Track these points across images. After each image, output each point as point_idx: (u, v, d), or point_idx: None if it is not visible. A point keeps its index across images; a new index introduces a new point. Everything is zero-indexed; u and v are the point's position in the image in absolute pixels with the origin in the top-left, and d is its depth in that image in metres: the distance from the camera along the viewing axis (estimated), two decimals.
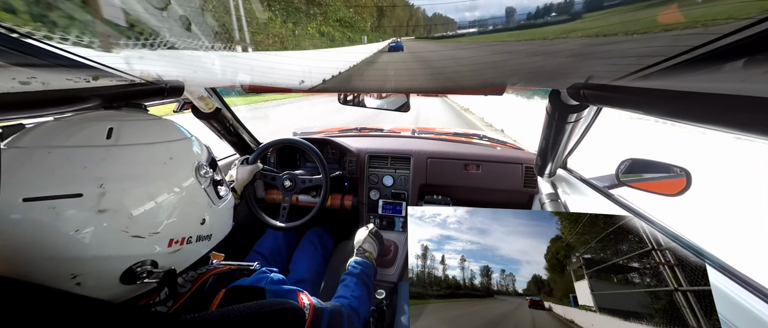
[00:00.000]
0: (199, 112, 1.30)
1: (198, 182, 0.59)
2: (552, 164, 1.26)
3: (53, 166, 0.44)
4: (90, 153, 0.47)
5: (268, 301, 0.60)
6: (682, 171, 1.00)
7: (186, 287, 0.59)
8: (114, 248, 0.47)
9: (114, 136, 0.50)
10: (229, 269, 0.67)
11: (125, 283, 0.49)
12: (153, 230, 0.51)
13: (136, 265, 0.49)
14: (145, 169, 0.52)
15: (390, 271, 1.43)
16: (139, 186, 0.50)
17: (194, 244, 0.59)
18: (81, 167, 0.46)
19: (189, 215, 0.58)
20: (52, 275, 0.43)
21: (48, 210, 0.42)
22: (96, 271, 0.46)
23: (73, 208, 0.43)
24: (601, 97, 0.66)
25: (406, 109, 1.39)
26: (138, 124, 0.56)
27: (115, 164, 0.48)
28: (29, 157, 0.44)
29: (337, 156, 1.74)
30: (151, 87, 0.70)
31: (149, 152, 0.53)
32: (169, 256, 0.54)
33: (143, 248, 0.50)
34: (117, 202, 0.46)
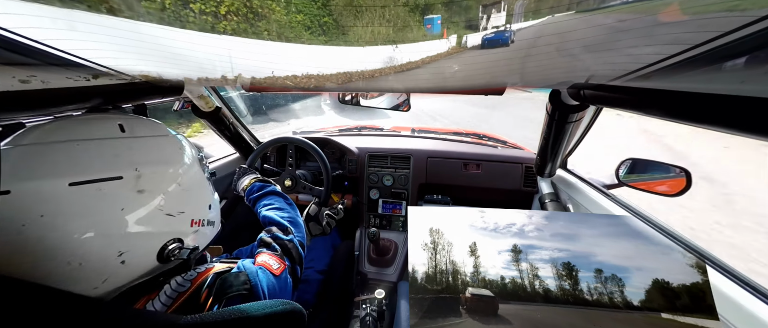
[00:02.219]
0: (199, 111, 1.30)
1: (202, 170, 0.67)
2: (552, 164, 1.26)
3: (90, 155, 0.49)
4: (116, 143, 0.53)
5: (268, 301, 0.60)
6: (682, 171, 1.00)
7: (185, 286, 0.59)
8: (153, 225, 0.53)
9: (128, 130, 0.56)
10: (228, 267, 0.68)
11: (160, 261, 0.55)
12: (180, 210, 0.58)
13: (169, 242, 0.56)
14: (167, 155, 0.59)
15: (390, 271, 1.43)
16: (166, 170, 0.57)
17: (206, 227, 0.66)
18: (114, 155, 0.51)
19: (201, 199, 0.65)
20: (101, 254, 0.47)
21: (95, 192, 0.46)
22: (138, 247, 0.52)
23: (117, 189, 0.49)
24: (601, 97, 0.66)
25: (406, 109, 1.39)
26: (139, 121, 0.60)
27: (140, 151, 0.55)
28: (60, 150, 0.47)
29: (337, 155, 1.74)
30: (151, 85, 0.70)
31: (163, 143, 0.60)
32: (193, 236, 0.62)
33: (175, 225, 0.57)
34: (151, 183, 0.53)
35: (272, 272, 0.68)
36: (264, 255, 0.72)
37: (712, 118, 0.42)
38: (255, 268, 0.67)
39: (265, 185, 1.08)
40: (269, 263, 0.69)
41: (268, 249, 0.76)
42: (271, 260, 0.71)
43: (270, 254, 0.73)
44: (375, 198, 1.64)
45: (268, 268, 0.68)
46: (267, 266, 0.69)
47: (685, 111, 0.46)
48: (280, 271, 0.69)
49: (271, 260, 0.71)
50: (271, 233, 0.82)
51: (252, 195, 1.06)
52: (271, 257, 0.72)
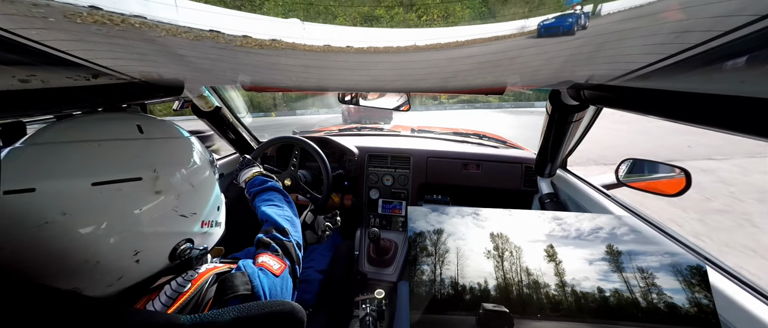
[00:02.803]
0: (199, 111, 1.30)
1: (213, 172, 0.68)
2: (552, 164, 1.26)
3: (112, 155, 0.50)
4: (136, 144, 0.54)
5: (268, 302, 0.60)
6: (681, 171, 1.00)
7: (185, 286, 0.59)
8: (168, 225, 0.54)
9: (145, 131, 0.57)
10: (228, 268, 0.67)
11: (171, 260, 0.56)
12: (192, 211, 0.59)
13: (181, 242, 0.57)
14: (182, 157, 0.60)
15: (389, 271, 1.43)
16: (180, 171, 0.58)
17: (214, 228, 0.66)
18: (135, 156, 0.52)
19: (212, 201, 0.66)
20: (117, 253, 0.48)
21: (115, 192, 0.47)
22: (153, 247, 0.53)
23: (136, 190, 0.50)
24: (601, 97, 0.66)
25: (406, 109, 1.39)
26: (155, 122, 0.61)
27: (158, 153, 0.56)
28: (81, 149, 0.48)
29: (337, 155, 1.74)
30: (150, 85, 0.70)
31: (178, 145, 0.61)
32: (202, 236, 0.63)
33: (187, 226, 0.58)
34: (168, 185, 0.54)
35: (273, 273, 0.68)
36: (264, 256, 0.72)
37: (711, 119, 0.42)
38: (256, 268, 0.67)
39: (267, 180, 1.08)
40: (269, 264, 0.69)
41: (267, 249, 0.76)
42: (272, 260, 0.71)
43: (270, 255, 0.73)
44: (375, 198, 1.64)
45: (269, 268, 0.68)
46: (267, 266, 0.68)
47: (684, 111, 0.46)
48: (280, 271, 0.69)
49: (271, 261, 0.71)
50: (269, 234, 0.82)
51: (253, 188, 1.05)
52: (272, 258, 0.72)
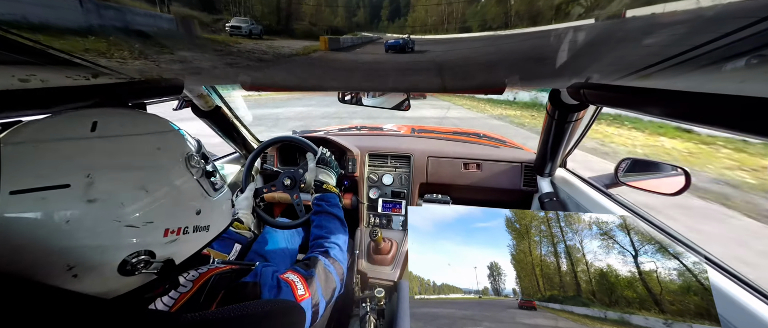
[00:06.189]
0: (199, 110, 1.30)
1: (189, 172, 0.59)
2: (552, 164, 1.27)
3: (38, 159, 0.44)
4: (75, 145, 0.47)
5: (268, 300, 0.60)
6: (681, 171, 1.00)
7: (187, 286, 0.59)
8: (107, 237, 0.46)
9: (99, 129, 0.50)
10: (230, 269, 0.68)
11: (124, 274, 0.49)
12: (147, 220, 0.50)
13: (131, 255, 0.49)
14: (132, 159, 0.51)
15: (389, 270, 1.43)
16: (128, 175, 0.49)
17: (191, 234, 0.58)
18: (66, 159, 0.45)
19: (182, 205, 0.57)
20: (49, 268, 0.43)
21: (38, 201, 0.42)
22: (92, 262, 0.46)
23: (62, 199, 0.43)
24: (601, 97, 0.66)
25: (406, 108, 1.39)
26: (124, 118, 0.55)
27: (101, 154, 0.48)
28: (16, 153, 0.44)
29: (337, 155, 1.74)
30: (150, 85, 0.70)
31: (135, 143, 0.53)
32: (166, 246, 0.53)
33: (138, 237, 0.49)
34: (106, 192, 0.46)
35: (294, 295, 0.65)
36: (295, 275, 0.69)
37: (712, 118, 0.42)
38: (275, 281, 0.65)
39: (337, 201, 1.07)
40: (296, 285, 0.67)
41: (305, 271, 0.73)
42: (300, 283, 0.68)
43: (301, 278, 0.70)
44: (375, 197, 1.64)
45: (293, 289, 0.66)
46: (293, 286, 0.66)
47: (685, 111, 0.46)
48: (302, 299, 0.66)
49: (299, 283, 0.68)
50: (325, 257, 0.82)
51: (322, 202, 1.03)
52: (301, 280, 0.69)
